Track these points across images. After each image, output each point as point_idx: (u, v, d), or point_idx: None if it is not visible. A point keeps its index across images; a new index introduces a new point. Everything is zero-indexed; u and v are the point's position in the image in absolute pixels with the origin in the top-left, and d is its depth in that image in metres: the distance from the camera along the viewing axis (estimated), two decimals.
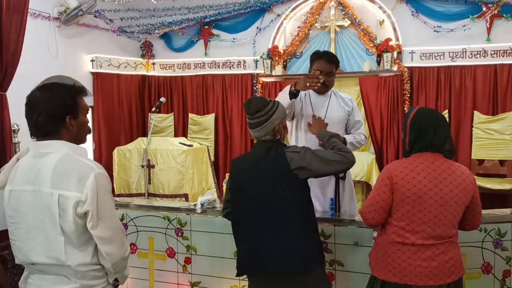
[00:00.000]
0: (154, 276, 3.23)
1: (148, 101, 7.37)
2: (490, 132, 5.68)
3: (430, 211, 2.04)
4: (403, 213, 2.08)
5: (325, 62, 3.07)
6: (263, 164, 2.25)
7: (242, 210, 2.31)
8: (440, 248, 2.07)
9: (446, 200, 2.04)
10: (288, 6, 6.59)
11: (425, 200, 2.04)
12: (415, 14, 6.08)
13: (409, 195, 2.05)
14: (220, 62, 6.98)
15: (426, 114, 2.15)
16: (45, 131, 1.76)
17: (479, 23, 5.82)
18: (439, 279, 2.05)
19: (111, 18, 6.69)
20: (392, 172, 2.11)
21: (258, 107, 2.27)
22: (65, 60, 6.04)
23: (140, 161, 5.20)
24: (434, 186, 2.04)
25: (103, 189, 1.73)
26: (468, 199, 2.10)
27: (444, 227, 2.06)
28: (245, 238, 2.29)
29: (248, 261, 2.28)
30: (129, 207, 3.29)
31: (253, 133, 2.34)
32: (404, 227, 2.08)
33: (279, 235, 2.19)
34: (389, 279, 2.11)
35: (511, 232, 2.77)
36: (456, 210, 2.07)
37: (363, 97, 6.15)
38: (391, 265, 2.10)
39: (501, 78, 5.72)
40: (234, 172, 2.39)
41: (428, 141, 2.10)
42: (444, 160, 2.11)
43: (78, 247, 1.73)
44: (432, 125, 2.11)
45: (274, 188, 2.22)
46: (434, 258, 2.05)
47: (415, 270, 2.06)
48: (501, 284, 2.78)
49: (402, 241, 2.09)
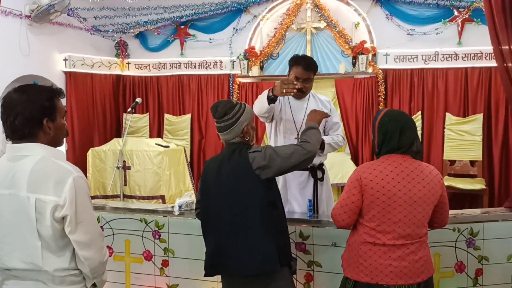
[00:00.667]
0: (130, 279, 3.19)
1: (122, 101, 7.27)
2: (461, 133, 5.82)
3: (400, 212, 2.08)
4: (374, 214, 2.11)
5: (303, 69, 3.05)
6: (226, 166, 2.27)
7: (208, 210, 2.35)
8: (410, 248, 2.10)
9: (415, 200, 2.08)
10: (264, 7, 6.61)
11: (394, 201, 2.07)
12: (389, 17, 6.18)
13: (378, 196, 2.08)
14: (196, 62, 6.94)
15: (392, 117, 2.19)
16: (22, 134, 1.72)
17: (451, 27, 5.96)
18: (409, 279, 2.09)
19: (85, 17, 6.57)
20: (361, 174, 2.14)
21: (225, 110, 2.27)
22: (37, 59, 5.90)
23: (115, 162, 5.13)
24: (403, 186, 2.08)
25: (81, 193, 1.69)
26: (436, 198, 2.15)
27: (414, 227, 2.10)
28: (211, 239, 2.33)
29: (212, 262, 2.32)
30: (105, 210, 3.24)
31: (222, 136, 2.35)
32: (375, 227, 2.12)
33: (241, 237, 2.21)
34: (360, 279, 2.14)
35: (483, 231, 2.85)
36: (425, 209, 2.11)
37: (339, 98, 6.23)
38: (363, 265, 2.14)
39: (471, 80, 5.86)
40: (203, 172, 2.43)
41: (395, 143, 2.14)
42: (412, 161, 2.15)
43: (56, 252, 1.70)
44: (399, 127, 2.14)
45: (235, 190, 2.23)
46: (404, 258, 2.09)
47: (385, 270, 2.09)
48: (473, 282, 2.86)
49: (373, 241, 2.12)
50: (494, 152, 5.79)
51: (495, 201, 5.66)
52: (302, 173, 3.14)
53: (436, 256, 2.80)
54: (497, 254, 2.87)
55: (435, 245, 2.79)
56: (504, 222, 2.94)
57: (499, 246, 2.88)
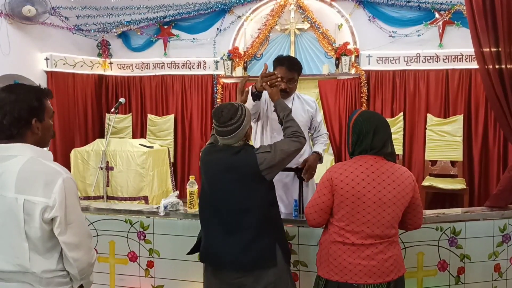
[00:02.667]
0: (115, 281, 3.16)
1: (105, 101, 7.20)
2: (442, 134, 5.91)
3: (369, 212, 2.09)
4: (343, 214, 2.13)
5: (286, 69, 3.05)
6: (233, 165, 2.26)
7: (207, 202, 2.35)
8: (379, 248, 2.12)
9: (385, 201, 2.09)
10: (248, 8, 6.62)
11: (363, 202, 2.09)
12: (371, 19, 6.25)
13: (348, 196, 2.10)
14: (179, 63, 6.91)
15: (366, 118, 2.21)
16: (10, 134, 1.69)
17: (432, 29, 6.05)
18: (378, 277, 2.11)
19: (67, 16, 6.48)
20: (332, 174, 2.17)
21: (230, 115, 2.23)
22: (18, 58, 5.81)
23: (98, 163, 5.07)
24: (372, 188, 2.09)
25: (71, 194, 1.68)
26: (407, 200, 2.15)
27: (383, 227, 2.11)
28: (207, 229, 2.36)
29: (208, 252, 2.36)
30: (89, 211, 3.20)
31: (223, 140, 2.30)
32: (344, 227, 2.14)
33: (239, 235, 2.23)
34: (331, 277, 2.17)
35: (465, 230, 2.91)
36: (394, 211, 2.12)
37: (322, 99, 6.27)
38: (333, 264, 2.16)
39: (452, 82, 5.96)
40: (205, 161, 2.40)
41: (367, 144, 2.16)
42: (384, 162, 2.16)
43: (43, 254, 1.68)
44: (373, 128, 2.16)
45: (238, 189, 2.25)
46: (373, 257, 2.11)
47: (355, 269, 2.11)
48: (456, 280, 2.91)
49: (343, 240, 2.14)
50: (474, 152, 5.90)
51: (475, 201, 5.77)
52: (288, 174, 3.16)
53: (419, 255, 2.85)
54: (478, 253, 2.93)
55: (418, 244, 2.84)
56: (485, 221, 3.00)
57: (480, 245, 2.94)
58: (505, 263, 2.98)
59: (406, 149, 6.14)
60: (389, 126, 2.25)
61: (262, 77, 2.70)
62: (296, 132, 2.42)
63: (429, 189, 5.57)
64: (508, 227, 2.97)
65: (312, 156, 3.17)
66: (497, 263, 2.96)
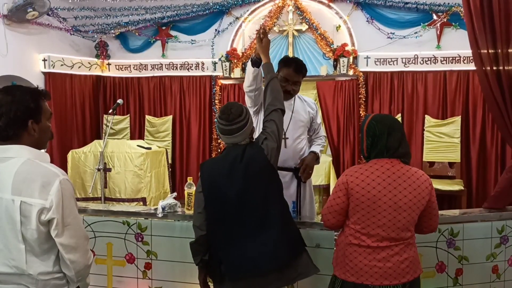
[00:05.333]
0: (112, 283, 3.15)
1: (103, 102, 7.18)
2: (440, 135, 5.92)
3: (385, 216, 2.11)
4: (359, 217, 2.15)
5: (293, 71, 3.05)
6: (240, 164, 2.27)
7: (220, 216, 2.28)
8: (394, 250, 2.14)
9: (400, 205, 2.10)
10: (246, 9, 6.61)
11: (379, 205, 2.11)
12: (370, 20, 6.25)
13: (363, 200, 2.12)
14: (178, 64, 6.90)
15: (379, 120, 2.24)
16: (6, 135, 1.69)
17: (430, 31, 6.06)
18: (394, 279, 2.13)
19: (65, 17, 6.47)
20: (348, 178, 2.18)
21: (239, 112, 2.29)
22: (15, 59, 5.78)
23: (96, 164, 5.06)
24: (388, 191, 2.11)
25: (68, 196, 1.68)
26: (423, 204, 2.17)
27: (398, 231, 2.12)
28: (229, 243, 2.27)
29: (239, 264, 2.24)
30: (87, 212, 3.20)
31: (230, 139, 2.31)
32: (360, 230, 2.16)
33: (264, 232, 2.23)
34: (347, 278, 2.19)
35: (463, 232, 2.91)
36: (410, 214, 2.13)
37: (320, 100, 6.27)
38: (349, 265, 2.18)
39: (450, 83, 5.97)
40: (207, 180, 2.34)
41: (383, 145, 2.17)
42: (401, 166, 2.17)
43: (40, 256, 1.67)
44: (386, 129, 2.18)
45: (252, 186, 2.26)
46: (389, 259, 2.13)
47: (370, 270, 2.13)
48: (453, 282, 2.92)
49: (358, 243, 2.16)
50: (472, 153, 5.91)
51: (473, 202, 5.77)
52: (286, 174, 3.14)
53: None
54: (476, 254, 2.94)
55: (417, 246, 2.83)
56: (483, 223, 3.00)
57: (478, 246, 2.94)
58: (503, 264, 2.98)
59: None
60: (401, 126, 2.28)
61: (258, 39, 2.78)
62: (276, 100, 2.54)
63: None
64: (506, 228, 2.97)
65: (310, 156, 3.16)
66: (495, 265, 2.96)
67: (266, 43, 2.78)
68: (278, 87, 2.62)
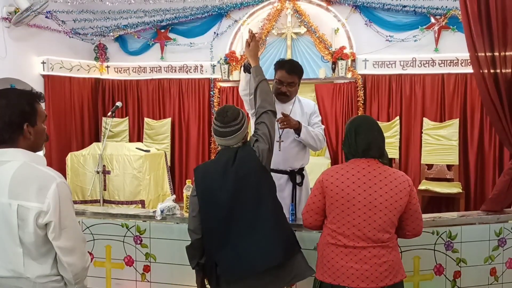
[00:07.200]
0: (111, 285, 3.15)
1: (102, 105, 7.19)
2: (438, 138, 5.93)
3: (359, 215, 2.11)
4: (334, 216, 2.16)
5: (286, 73, 3.08)
6: (232, 167, 2.28)
7: (214, 219, 2.30)
8: (372, 252, 2.12)
9: (375, 204, 2.10)
10: (245, 12, 6.63)
11: (353, 204, 2.11)
12: (368, 23, 6.27)
13: (337, 198, 2.13)
14: (176, 67, 6.92)
15: (351, 120, 2.29)
16: (1, 139, 1.69)
17: (428, 34, 6.08)
18: (371, 282, 2.11)
19: (64, 20, 6.48)
20: (324, 176, 2.21)
21: (234, 116, 2.32)
22: (15, 62, 5.79)
23: (95, 167, 5.06)
24: (363, 190, 2.11)
25: (65, 199, 1.68)
26: (401, 205, 2.14)
27: (375, 231, 2.11)
28: (223, 245, 2.27)
29: (234, 265, 2.25)
30: (86, 215, 3.20)
31: (225, 141, 2.33)
32: (336, 229, 2.16)
33: (257, 232, 2.23)
34: (325, 279, 2.18)
35: (461, 234, 2.92)
36: (387, 215, 2.11)
37: (319, 103, 6.27)
38: (326, 266, 2.18)
39: (448, 86, 5.99)
40: (200, 184, 2.35)
41: (352, 143, 2.20)
42: (378, 166, 2.18)
43: (37, 259, 1.68)
44: (353, 128, 2.21)
45: (244, 187, 2.26)
46: (367, 261, 2.11)
47: (347, 272, 2.12)
48: (452, 284, 2.92)
49: (335, 242, 2.16)
50: (470, 156, 5.92)
51: (471, 205, 5.79)
52: (281, 177, 3.13)
53: (415, 259, 2.86)
54: (474, 257, 2.94)
55: (415, 248, 2.84)
56: (481, 225, 3.01)
57: (476, 249, 2.95)
58: (501, 267, 2.99)
59: (402, 153, 6.16)
60: (376, 129, 2.24)
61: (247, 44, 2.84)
62: (266, 102, 2.55)
63: (425, 193, 5.57)
64: (503, 231, 2.98)
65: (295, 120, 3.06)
66: (493, 267, 2.97)
67: (254, 47, 2.82)
68: (267, 89, 2.64)
